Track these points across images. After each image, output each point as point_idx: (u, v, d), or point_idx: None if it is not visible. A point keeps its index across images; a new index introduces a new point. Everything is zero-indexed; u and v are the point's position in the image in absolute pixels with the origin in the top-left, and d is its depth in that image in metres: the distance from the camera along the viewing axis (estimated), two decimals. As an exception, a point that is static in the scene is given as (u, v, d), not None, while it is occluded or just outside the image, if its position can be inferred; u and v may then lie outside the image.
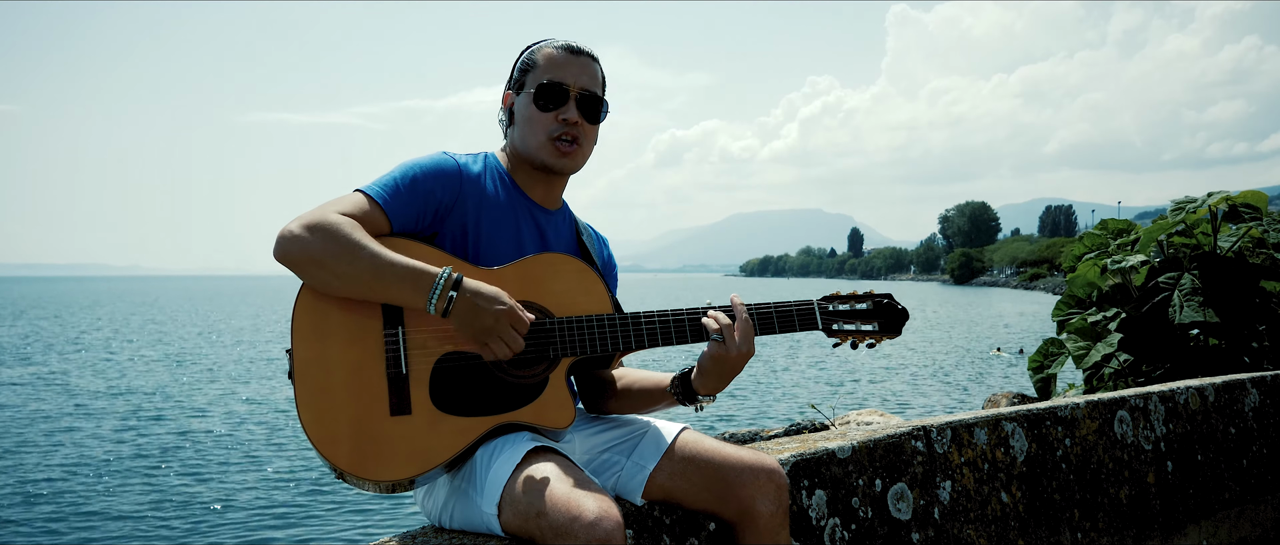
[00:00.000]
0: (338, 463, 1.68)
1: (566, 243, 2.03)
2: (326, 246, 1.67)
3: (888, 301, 1.99)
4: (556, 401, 1.80)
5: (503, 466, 1.68)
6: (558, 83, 1.91)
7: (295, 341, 1.72)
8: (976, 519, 2.60)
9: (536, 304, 1.84)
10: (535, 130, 1.91)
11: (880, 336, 1.97)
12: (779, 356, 25.55)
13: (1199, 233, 5.59)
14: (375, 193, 1.78)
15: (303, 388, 1.70)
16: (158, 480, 11.01)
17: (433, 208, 1.83)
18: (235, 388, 20.12)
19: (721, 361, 1.85)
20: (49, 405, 17.31)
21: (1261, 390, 3.82)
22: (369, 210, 1.76)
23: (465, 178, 1.88)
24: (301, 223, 1.69)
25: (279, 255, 1.69)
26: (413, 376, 1.73)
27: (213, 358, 27.52)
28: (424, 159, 1.86)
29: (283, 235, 1.69)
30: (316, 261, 1.68)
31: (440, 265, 1.75)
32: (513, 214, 1.92)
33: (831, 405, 13.85)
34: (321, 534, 8.75)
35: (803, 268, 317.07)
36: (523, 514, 1.61)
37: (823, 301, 1.96)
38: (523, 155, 1.95)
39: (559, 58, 1.93)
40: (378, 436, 1.70)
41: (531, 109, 1.92)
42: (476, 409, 1.76)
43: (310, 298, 1.73)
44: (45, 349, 30.44)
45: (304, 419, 1.69)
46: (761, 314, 1.92)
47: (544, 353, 1.81)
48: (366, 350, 1.73)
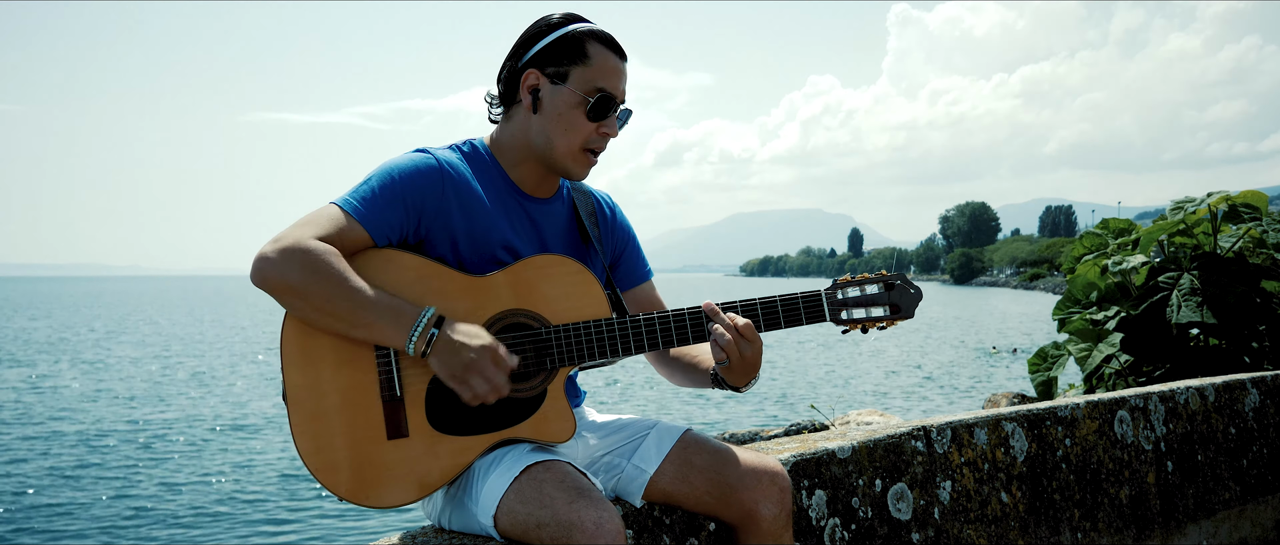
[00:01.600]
0: (338, 492, 1.66)
1: (563, 232, 1.93)
2: (304, 279, 1.59)
3: (901, 282, 1.88)
4: (556, 413, 1.75)
5: (500, 478, 1.65)
6: (614, 95, 1.78)
7: (285, 367, 1.67)
8: (977, 519, 2.59)
9: (531, 311, 1.77)
10: (572, 137, 1.78)
11: (892, 319, 1.86)
12: (780, 356, 25.55)
13: (1199, 233, 5.59)
14: (351, 207, 1.68)
15: (297, 415, 1.66)
16: (157, 480, 11.01)
17: (415, 213, 1.73)
18: (234, 388, 20.11)
19: (737, 367, 1.78)
20: (44, 407, 17.30)
21: (1262, 390, 3.82)
22: (346, 227, 1.66)
23: (448, 177, 1.76)
24: (278, 247, 1.60)
25: (256, 279, 1.61)
26: (408, 399, 1.69)
27: (213, 357, 27.50)
28: (401, 161, 1.74)
29: (259, 259, 1.60)
30: (295, 292, 1.60)
31: (426, 281, 1.70)
32: (503, 209, 1.82)
33: (831, 405, 13.86)
34: (321, 534, 8.75)
35: (803, 268, 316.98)
36: (522, 525, 1.59)
37: (830, 290, 1.85)
38: (537, 150, 1.81)
39: (612, 65, 1.79)
40: (377, 462, 1.67)
41: (575, 114, 1.77)
42: (474, 427, 1.71)
43: (297, 322, 1.67)
44: (41, 349, 30.43)
45: (301, 448, 1.66)
46: (767, 311, 1.82)
47: (542, 363, 1.75)
48: (359, 373, 1.68)
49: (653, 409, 16.01)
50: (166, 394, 19.12)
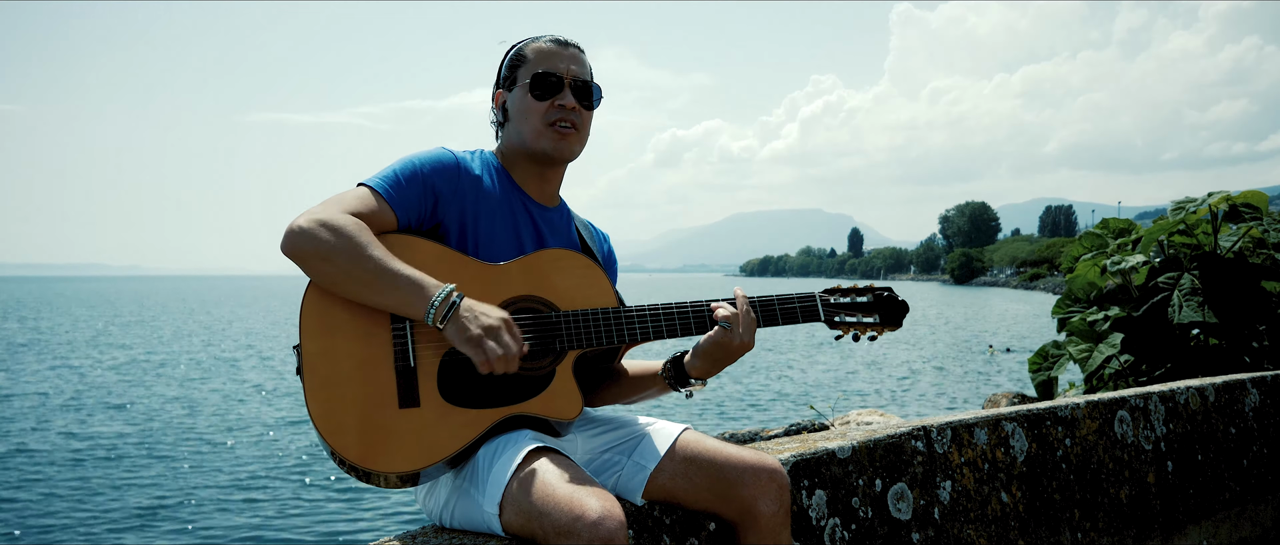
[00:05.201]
0: (346, 454, 1.69)
1: (566, 239, 2.04)
2: (336, 243, 1.69)
3: (888, 294, 2.03)
4: (564, 393, 1.82)
5: (504, 466, 1.68)
6: (551, 72, 1.95)
7: (304, 337, 1.73)
8: (976, 519, 2.60)
9: (542, 298, 1.86)
10: (532, 120, 1.94)
11: (881, 329, 2.02)
12: (779, 357, 25.56)
13: (1199, 233, 5.59)
14: (380, 187, 1.80)
15: (311, 380, 1.71)
16: (157, 481, 11.01)
17: (432, 201, 1.85)
18: (235, 387, 20.12)
19: (723, 348, 1.88)
20: (44, 407, 17.32)
21: (1262, 390, 3.82)
22: (376, 206, 1.78)
23: (463, 172, 1.90)
24: (311, 218, 1.71)
25: (287, 249, 1.71)
26: (421, 369, 1.75)
27: (213, 357, 27.52)
28: (425, 153, 1.89)
29: (292, 229, 1.71)
30: (324, 256, 1.69)
31: (445, 263, 1.78)
32: (510, 211, 1.94)
33: (831, 405, 13.86)
34: (322, 534, 8.75)
35: (803, 268, 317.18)
36: (525, 513, 1.61)
37: (824, 294, 2.01)
38: (521, 148, 1.97)
39: (549, 49, 1.97)
40: (386, 428, 1.72)
41: (527, 100, 1.94)
42: (485, 401, 1.77)
43: (318, 294, 1.75)
44: (49, 348, 30.47)
45: (312, 410, 1.71)
46: (765, 306, 1.96)
47: (551, 346, 1.83)
48: (375, 344, 1.74)
49: (650, 410, 16.03)
50: (164, 392, 19.14)
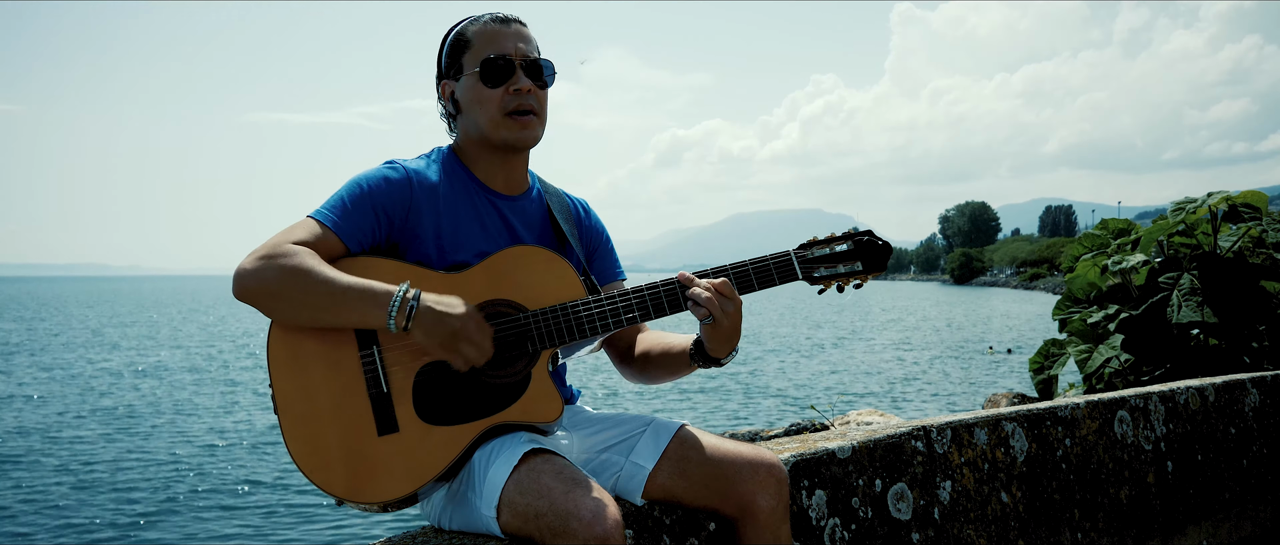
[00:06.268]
0: (333, 490, 1.67)
1: (536, 227, 1.97)
2: (281, 278, 1.64)
3: (868, 238, 1.89)
4: (542, 395, 1.78)
5: (500, 468, 1.67)
6: (500, 55, 1.85)
7: (273, 374, 1.70)
8: (976, 519, 2.59)
9: (508, 300, 1.80)
10: (489, 109, 1.85)
11: (864, 276, 1.89)
12: (781, 356, 25.56)
13: (1199, 233, 5.59)
14: (324, 216, 1.74)
15: (287, 419, 1.69)
16: (157, 481, 11.01)
17: (386, 221, 1.79)
18: (233, 388, 20.11)
19: (720, 329, 1.81)
20: (42, 406, 17.31)
21: (1262, 390, 3.82)
22: (321, 235, 1.72)
23: (416, 184, 1.82)
24: (254, 257, 1.66)
25: (238, 293, 1.66)
26: (395, 393, 1.72)
27: (210, 358, 27.51)
28: (371, 173, 1.82)
29: (238, 272, 1.66)
30: (273, 294, 1.65)
31: (402, 279, 1.72)
32: (474, 209, 1.88)
33: (831, 405, 13.85)
34: (321, 534, 8.75)
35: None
36: (522, 515, 1.61)
37: (799, 250, 1.87)
38: (480, 140, 1.89)
39: (492, 30, 1.87)
40: (369, 457, 1.69)
41: (479, 89, 1.85)
42: (463, 416, 1.74)
43: (281, 331, 1.71)
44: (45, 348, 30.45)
45: (293, 451, 1.68)
46: (738, 275, 1.84)
47: (523, 348, 1.78)
48: (346, 373, 1.71)
49: (648, 411, 16.03)
50: (160, 394, 19.13)
